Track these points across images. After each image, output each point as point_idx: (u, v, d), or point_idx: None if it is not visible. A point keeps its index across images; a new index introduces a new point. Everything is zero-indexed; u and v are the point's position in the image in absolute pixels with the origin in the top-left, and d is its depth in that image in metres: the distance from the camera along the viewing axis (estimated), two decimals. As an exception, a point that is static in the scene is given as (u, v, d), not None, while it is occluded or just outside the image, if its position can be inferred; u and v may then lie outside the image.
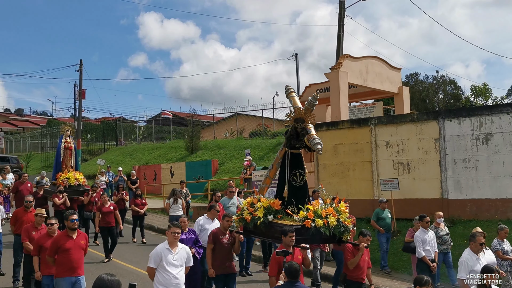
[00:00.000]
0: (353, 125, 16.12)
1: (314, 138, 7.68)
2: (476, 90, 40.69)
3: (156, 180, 28.01)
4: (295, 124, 8.06)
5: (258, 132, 33.26)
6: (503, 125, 13.48)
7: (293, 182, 7.98)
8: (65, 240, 7.74)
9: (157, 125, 45.27)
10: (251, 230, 8.20)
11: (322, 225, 7.34)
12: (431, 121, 14.52)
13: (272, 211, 7.84)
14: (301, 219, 7.50)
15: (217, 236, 8.65)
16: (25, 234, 9.36)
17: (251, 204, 8.25)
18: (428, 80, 42.26)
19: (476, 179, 13.75)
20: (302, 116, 8.04)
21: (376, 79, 19.79)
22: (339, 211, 7.68)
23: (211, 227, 9.60)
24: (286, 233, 7.17)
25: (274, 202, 7.92)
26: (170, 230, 7.16)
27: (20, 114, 71.49)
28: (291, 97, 8.79)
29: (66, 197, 15.20)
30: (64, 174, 16.46)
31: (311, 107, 8.03)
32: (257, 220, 7.85)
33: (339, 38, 23.42)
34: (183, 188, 17.46)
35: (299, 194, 7.98)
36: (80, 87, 35.50)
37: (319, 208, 7.58)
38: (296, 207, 7.76)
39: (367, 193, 15.35)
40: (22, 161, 37.34)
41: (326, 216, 7.45)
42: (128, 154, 34.62)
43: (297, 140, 8.02)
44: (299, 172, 8.04)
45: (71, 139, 17.34)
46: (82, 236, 8.05)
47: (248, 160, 20.66)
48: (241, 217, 8.36)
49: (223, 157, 27.61)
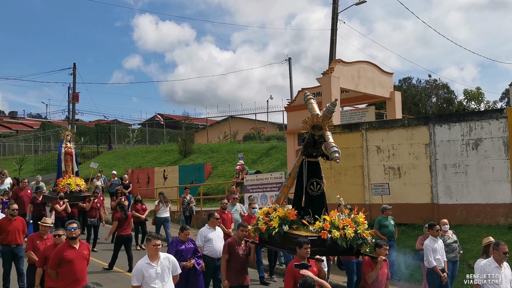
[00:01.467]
0: (344, 130, 16.19)
1: (331, 146, 7.48)
2: (469, 94, 40.87)
3: (149, 183, 28.01)
4: (312, 132, 7.81)
5: (252, 136, 33.32)
6: (493, 131, 13.59)
7: (310, 191, 7.76)
8: (68, 250, 7.46)
9: (150, 128, 45.25)
10: (266, 240, 7.96)
11: (339, 236, 7.11)
12: (422, 127, 14.62)
13: (288, 221, 7.60)
14: (317, 230, 7.28)
15: (233, 247, 8.39)
16: (30, 243, 9.09)
17: (266, 214, 8.02)
18: (421, 84, 42.42)
19: (466, 184, 13.85)
20: (319, 123, 7.78)
21: (368, 84, 19.87)
22: (357, 222, 7.41)
23: (214, 236, 9.48)
24: (301, 244, 6.91)
25: (289, 212, 7.69)
26: (150, 243, 6.78)
27: (14, 116, 71.19)
28: (309, 103, 8.49)
29: (67, 203, 14.90)
30: (64, 179, 16.21)
31: (329, 114, 7.78)
32: (272, 230, 7.62)
33: (332, 42, 23.49)
34: (187, 194, 17.37)
35: (316, 204, 7.74)
36: (74, 90, 35.55)
37: (336, 218, 7.34)
38: (313, 217, 7.53)
39: (358, 198, 15.41)
40: (15, 164, 37.27)
41: (344, 227, 7.20)
42: (121, 158, 34.61)
43: (315, 148, 7.83)
44: (316, 181, 7.82)
45: (71, 144, 17.04)
46: (85, 246, 7.79)
47: (240, 164, 20.70)
48: (256, 227, 8.14)
49: (216, 161, 27.66)
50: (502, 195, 13.33)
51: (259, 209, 13.12)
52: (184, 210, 17.19)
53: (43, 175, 34.85)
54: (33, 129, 58.12)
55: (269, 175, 18.39)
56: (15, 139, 51.63)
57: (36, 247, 8.94)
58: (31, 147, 46.83)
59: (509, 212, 13.19)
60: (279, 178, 17.68)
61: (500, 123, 13.52)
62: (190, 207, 17.22)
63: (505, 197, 13.29)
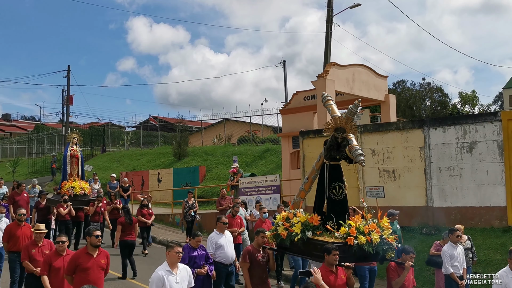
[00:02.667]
0: (339, 133, 16.16)
1: (356, 149, 7.19)
2: (464, 97, 41.07)
3: (143, 186, 27.95)
4: (335, 134, 7.48)
5: (246, 139, 33.30)
6: (487, 134, 13.61)
7: (332, 196, 7.52)
8: (85, 258, 7.11)
9: (145, 131, 45.18)
10: (287, 247, 7.66)
11: (365, 242, 6.88)
12: (416, 130, 14.63)
13: (311, 227, 7.32)
14: (342, 236, 7.03)
15: (253, 254, 8.15)
16: (25, 253, 8.60)
17: (286, 219, 7.73)
18: (415, 87, 42.57)
19: (461, 187, 13.86)
20: (342, 125, 7.45)
21: (363, 87, 19.90)
22: (382, 227, 7.23)
23: (224, 241, 9.28)
24: (329, 251, 6.68)
25: (312, 217, 7.44)
26: (173, 250, 6.56)
27: (8, 119, 70.94)
28: (328, 105, 8.24)
29: (71, 207, 14.48)
30: (69, 183, 15.81)
31: (352, 116, 7.47)
32: (294, 237, 7.33)
33: (327, 46, 23.56)
34: (190, 198, 16.92)
35: (339, 209, 7.50)
36: (68, 93, 35.44)
37: (362, 224, 7.11)
38: (336, 223, 7.30)
39: (353, 201, 15.34)
40: (9, 166, 37.12)
41: (369, 232, 6.99)
42: (116, 160, 34.53)
43: (338, 151, 7.52)
44: (339, 185, 7.58)
45: (77, 147, 16.68)
46: (103, 254, 7.37)
47: (235, 167, 20.66)
48: (275, 233, 7.82)
49: (211, 164, 27.64)
50: (497, 198, 13.33)
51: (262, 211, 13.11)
52: (185, 215, 16.67)
53: (37, 177, 34.75)
54: (27, 131, 58.01)
55: (264, 178, 18.39)
56: (8, 142, 51.46)
57: (32, 256, 8.52)
58: (25, 150, 46.68)
59: (504, 215, 13.20)
60: (274, 181, 17.69)
61: (494, 126, 13.54)
62: (190, 212, 16.62)
63: (499, 200, 13.29)
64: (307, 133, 16.86)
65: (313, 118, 20.19)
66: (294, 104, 21.23)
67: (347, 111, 7.50)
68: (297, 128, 18.92)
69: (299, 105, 20.91)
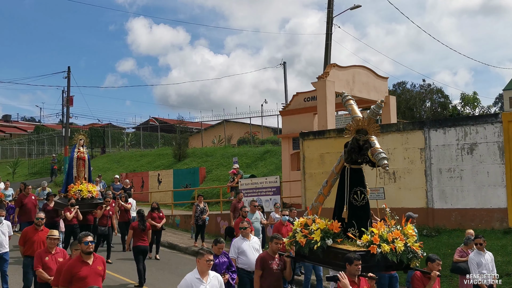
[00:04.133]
0: (339, 134, 16.12)
1: (379, 152, 6.83)
2: (465, 99, 41.05)
3: (143, 187, 27.94)
4: (357, 136, 7.11)
5: (246, 140, 33.29)
6: (488, 135, 13.58)
7: (354, 201, 7.15)
8: (80, 266, 6.76)
9: (145, 132, 45.16)
10: (306, 255, 7.27)
11: (389, 250, 6.52)
12: (417, 131, 14.60)
13: (331, 234, 6.96)
14: (365, 244, 6.65)
15: (266, 261, 7.72)
16: (38, 260, 8.26)
17: (305, 226, 7.36)
18: (415, 89, 42.55)
19: (461, 189, 13.83)
20: (364, 127, 7.09)
21: (363, 89, 19.88)
22: (406, 234, 6.85)
23: (248, 247, 8.92)
24: (351, 260, 6.29)
25: (332, 224, 7.07)
26: (203, 257, 6.24)
27: (8, 120, 70.93)
28: (349, 105, 7.87)
29: (78, 210, 13.96)
30: (76, 186, 15.22)
31: (374, 117, 7.14)
32: (313, 244, 6.97)
33: (327, 47, 23.52)
34: (201, 202, 16.53)
35: (360, 215, 7.14)
36: (68, 94, 35.30)
37: (385, 231, 6.75)
38: (358, 230, 6.94)
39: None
40: (9, 167, 37.09)
41: (393, 240, 6.63)
42: (116, 161, 34.50)
43: (359, 154, 7.14)
44: (360, 190, 7.21)
45: (84, 148, 15.96)
46: (99, 260, 7.04)
47: (235, 168, 20.62)
48: (293, 239, 7.43)
49: (211, 165, 27.62)
50: (497, 199, 13.31)
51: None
52: (196, 219, 16.20)
53: (37, 179, 34.72)
54: (27, 132, 57.99)
55: (264, 179, 18.37)
56: (8, 143, 51.44)
57: (45, 264, 8.20)
58: (25, 151, 46.67)
59: (504, 216, 13.18)
60: (274, 182, 17.66)
61: (495, 127, 13.52)
62: (203, 217, 16.18)
63: (500, 201, 13.27)
64: (307, 135, 16.84)
65: (313, 120, 20.16)
66: (294, 105, 21.21)
67: (369, 112, 7.19)
68: (297, 130, 18.90)
69: (299, 106, 20.88)
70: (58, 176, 34.05)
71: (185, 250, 16.22)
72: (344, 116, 22.89)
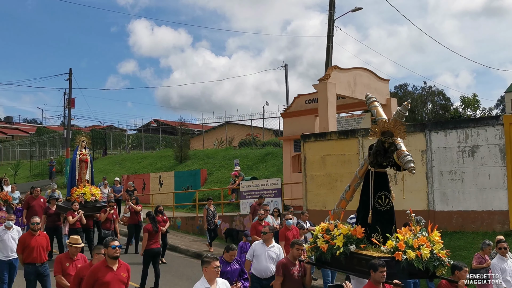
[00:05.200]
0: (340, 136, 16.16)
1: (405, 155, 6.68)
2: (465, 101, 41.02)
3: (144, 189, 27.94)
4: (382, 138, 6.92)
5: (248, 142, 33.30)
6: (489, 138, 13.57)
7: (378, 206, 7.02)
8: (104, 272, 6.59)
9: (146, 134, 45.20)
10: (328, 261, 7.07)
11: (415, 257, 6.35)
12: (418, 133, 14.58)
13: (354, 240, 6.79)
14: (389, 250, 6.49)
15: (287, 268, 7.54)
16: (58, 266, 8.03)
17: (326, 231, 7.17)
18: (417, 91, 42.54)
19: (462, 191, 13.82)
20: (390, 129, 6.90)
21: (364, 91, 19.76)
22: (432, 241, 6.67)
23: (264, 253, 8.72)
24: (376, 267, 6.12)
25: (356, 229, 6.90)
26: (210, 265, 6.08)
27: (10, 122, 71.04)
28: (373, 107, 7.71)
29: (82, 215, 13.78)
30: (79, 189, 14.94)
31: (400, 119, 6.94)
32: (335, 250, 6.79)
33: (328, 49, 23.54)
34: (210, 205, 16.37)
35: (385, 220, 6.99)
36: (70, 96, 35.34)
37: (410, 237, 6.58)
38: (382, 236, 6.77)
39: (354, 205, 15.33)
40: (10, 169, 37.11)
41: (419, 247, 6.46)
42: (117, 163, 34.53)
43: (385, 157, 6.99)
44: (385, 195, 7.08)
45: (87, 150, 15.71)
46: (124, 267, 6.89)
47: (236, 170, 20.64)
48: (314, 245, 7.26)
49: (212, 167, 27.62)
50: (498, 202, 13.30)
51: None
52: (208, 223, 16.10)
53: (38, 180, 34.78)
54: (29, 134, 58.11)
55: (265, 181, 18.39)
56: (10, 144, 51.54)
57: (65, 271, 7.96)
58: (27, 152, 46.74)
59: (505, 219, 13.16)
60: (275, 184, 17.68)
61: (496, 130, 13.51)
62: (215, 221, 16.14)
63: (501, 204, 13.26)
64: (308, 137, 16.84)
65: (314, 122, 20.15)
66: (296, 107, 21.21)
67: (395, 113, 7.01)
68: (298, 132, 18.89)
69: (301, 108, 20.88)
70: (59, 178, 34.08)
71: (186, 252, 16.23)
72: (345, 118, 22.86)
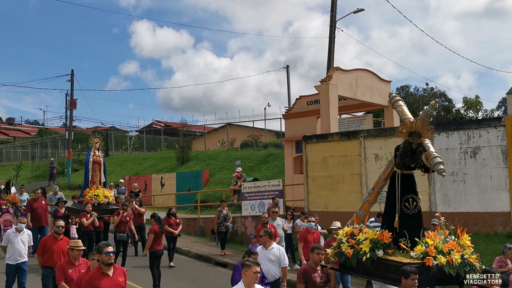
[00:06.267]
0: (342, 137, 16.16)
1: (434, 157, 6.38)
2: (467, 103, 40.96)
3: (146, 190, 27.95)
4: (410, 139, 6.59)
5: (249, 143, 33.29)
6: (491, 139, 13.57)
7: (405, 210, 6.73)
8: (100, 278, 6.38)
9: (148, 135, 45.23)
10: (353, 267, 6.82)
11: (445, 263, 6.10)
12: (420, 135, 14.56)
13: (381, 245, 6.53)
14: (419, 256, 6.24)
15: (308, 274, 7.32)
16: (61, 273, 7.76)
17: (351, 235, 6.92)
18: (419, 92, 42.49)
19: (464, 193, 13.81)
20: (418, 130, 6.55)
21: (366, 92, 19.87)
22: (462, 245, 6.42)
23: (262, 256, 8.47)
24: (408, 274, 5.88)
25: (382, 233, 6.66)
26: (250, 269, 5.82)
27: (12, 123, 71.10)
28: (398, 106, 7.44)
29: (95, 217, 13.58)
30: (92, 190, 14.79)
31: (428, 119, 6.61)
32: (362, 256, 6.55)
33: (330, 50, 23.53)
34: (224, 208, 16.08)
35: (412, 224, 6.71)
36: (71, 97, 35.40)
37: (440, 242, 6.34)
38: (410, 240, 6.52)
39: (356, 206, 15.22)
40: (12, 170, 37.15)
41: (449, 252, 6.22)
42: (119, 164, 34.56)
43: (412, 158, 6.70)
44: (412, 198, 6.77)
45: (100, 152, 15.60)
46: (120, 272, 6.66)
47: (238, 171, 20.65)
48: (338, 250, 6.98)
49: (214, 168, 27.62)
50: (500, 203, 13.29)
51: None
52: (219, 226, 15.92)
53: (40, 182, 34.82)
54: (31, 135, 58.13)
55: (267, 182, 18.36)
56: (12, 146, 51.57)
57: (68, 277, 7.69)
58: (28, 154, 46.78)
59: (507, 220, 13.15)
60: (277, 186, 17.65)
61: (498, 131, 13.50)
62: (227, 225, 15.93)
63: (503, 205, 13.25)
64: (310, 138, 16.84)
65: (316, 123, 20.17)
66: (297, 108, 21.22)
67: (422, 113, 6.68)
68: (300, 133, 18.90)
69: (302, 109, 20.90)
70: (61, 180, 34.11)
71: (187, 253, 16.23)
72: (347, 120, 22.88)
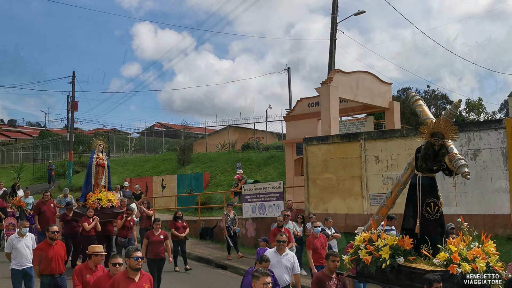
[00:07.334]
0: (343, 139, 16.16)
1: (458, 159, 6.12)
2: (470, 105, 40.95)
3: (147, 192, 27.96)
4: (432, 141, 6.30)
5: (250, 145, 33.29)
6: (491, 141, 13.56)
7: (426, 215, 6.48)
8: (126, 284, 6.25)
9: (149, 137, 45.25)
10: (372, 275, 6.60)
11: (470, 271, 5.90)
12: (420, 137, 14.56)
13: (401, 251, 6.33)
14: (442, 263, 6.03)
15: (322, 282, 7.06)
16: (79, 277, 7.53)
17: (369, 241, 6.71)
18: (420, 95, 42.46)
19: (465, 195, 13.79)
20: (440, 130, 6.26)
21: (367, 94, 19.88)
22: (487, 252, 6.26)
23: (276, 262, 8.32)
24: (431, 282, 5.63)
25: (403, 239, 6.44)
26: (259, 280, 5.69)
27: (13, 125, 71.18)
28: (418, 105, 7.19)
29: (97, 221, 13.24)
30: (95, 194, 14.35)
31: (451, 119, 6.30)
32: (381, 263, 6.34)
33: (331, 53, 23.54)
34: (230, 211, 16.02)
35: (434, 230, 6.47)
36: (73, 99, 35.45)
37: (464, 248, 6.12)
38: (432, 247, 6.31)
39: (356, 208, 15.36)
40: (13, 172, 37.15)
41: (474, 259, 6.02)
42: (120, 166, 34.56)
43: (435, 160, 6.43)
44: (434, 202, 6.53)
45: (103, 155, 15.02)
46: (146, 278, 6.50)
47: (239, 173, 20.65)
48: (355, 257, 6.79)
49: (215, 170, 27.63)
50: (501, 206, 13.27)
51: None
52: (228, 230, 15.74)
53: (41, 183, 34.85)
54: (32, 137, 58.21)
55: (268, 184, 18.34)
56: (13, 147, 51.64)
57: (86, 282, 7.44)
58: (30, 156, 46.82)
59: (508, 223, 13.13)
60: (278, 188, 17.64)
61: (498, 133, 13.49)
62: (234, 229, 15.79)
63: (503, 208, 13.23)
64: (310, 140, 16.84)
65: (317, 125, 20.17)
66: (298, 111, 21.22)
67: (445, 113, 6.41)
68: (301, 135, 18.90)
69: (303, 112, 20.90)
70: (62, 182, 34.13)
71: (188, 255, 16.20)
72: (348, 122, 22.88)
